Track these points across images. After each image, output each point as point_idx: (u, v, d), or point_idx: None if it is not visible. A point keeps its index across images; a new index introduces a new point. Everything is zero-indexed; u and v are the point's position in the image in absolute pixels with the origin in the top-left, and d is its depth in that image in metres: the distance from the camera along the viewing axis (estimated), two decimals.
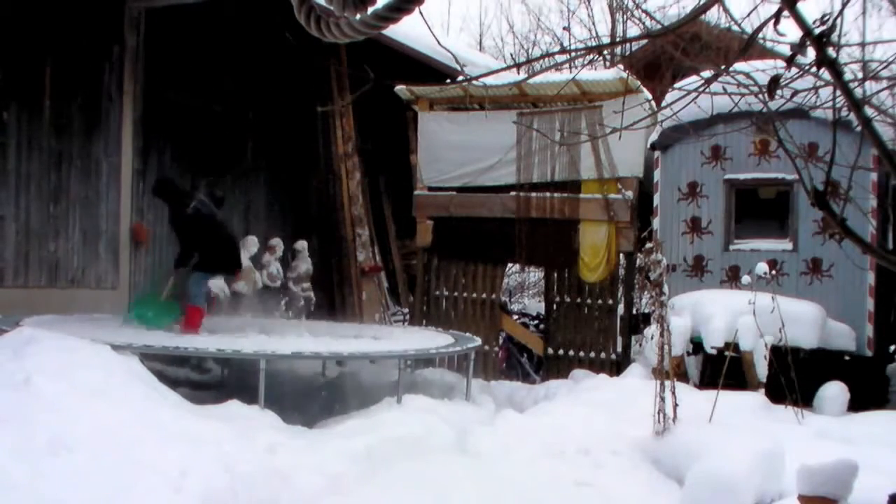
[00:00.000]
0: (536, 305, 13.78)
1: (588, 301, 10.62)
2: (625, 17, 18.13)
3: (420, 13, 1.93)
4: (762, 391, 7.86)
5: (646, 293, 7.74)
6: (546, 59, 12.80)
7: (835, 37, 2.06)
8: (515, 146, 10.66)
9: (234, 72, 11.30)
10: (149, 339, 7.13)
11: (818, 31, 1.79)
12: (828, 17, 1.87)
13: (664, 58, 10.76)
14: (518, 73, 9.60)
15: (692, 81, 5.87)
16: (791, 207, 9.45)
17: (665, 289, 6.21)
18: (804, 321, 8.25)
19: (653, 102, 10.08)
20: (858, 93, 3.83)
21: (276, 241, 11.55)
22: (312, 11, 1.92)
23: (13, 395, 5.00)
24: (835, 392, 8.16)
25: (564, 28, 20.07)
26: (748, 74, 4.02)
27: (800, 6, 1.84)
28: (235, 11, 10.46)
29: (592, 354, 10.57)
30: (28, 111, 8.93)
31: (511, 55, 22.10)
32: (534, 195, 10.70)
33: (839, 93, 2.20)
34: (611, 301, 10.57)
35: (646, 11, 6.04)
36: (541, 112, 10.90)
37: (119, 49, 9.83)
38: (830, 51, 1.82)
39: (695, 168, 9.83)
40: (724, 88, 4.17)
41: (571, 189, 10.62)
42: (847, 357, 9.02)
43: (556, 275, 10.83)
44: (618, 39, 16.69)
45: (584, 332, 10.65)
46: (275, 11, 6.65)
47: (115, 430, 4.92)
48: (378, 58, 7.73)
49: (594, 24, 20.76)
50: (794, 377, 7.05)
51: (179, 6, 9.92)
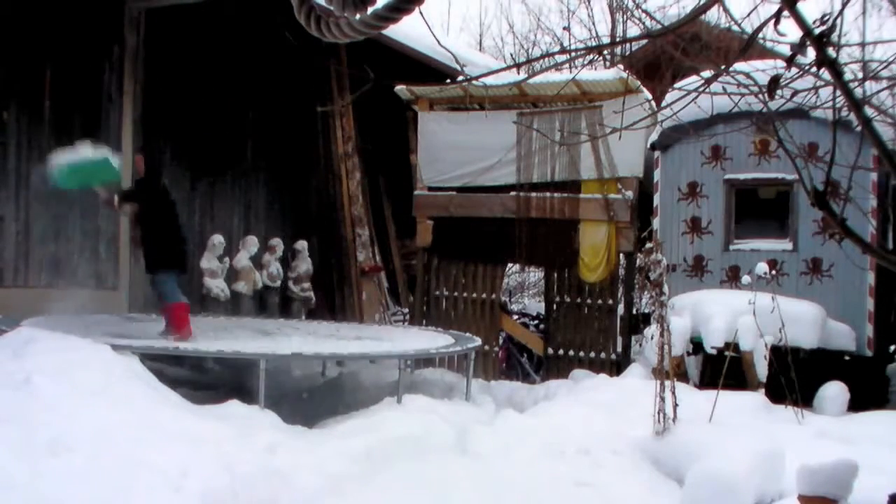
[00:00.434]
0: (536, 305, 13.77)
1: (588, 301, 10.62)
2: (625, 17, 18.14)
3: (420, 13, 1.93)
4: (762, 391, 7.85)
5: (646, 293, 7.74)
6: (546, 59, 12.79)
7: (835, 37, 2.06)
8: (515, 146, 10.66)
9: (234, 72, 11.30)
10: (149, 340, 7.13)
11: (818, 31, 1.79)
12: (828, 17, 1.87)
13: (664, 58, 10.75)
14: (518, 73, 9.60)
15: (692, 81, 5.86)
16: (791, 207, 9.45)
17: (665, 289, 6.21)
18: (804, 321, 8.26)
19: (653, 102, 10.08)
20: (858, 93, 3.83)
21: (276, 241, 11.55)
22: (312, 11, 1.92)
23: (13, 395, 5.01)
24: (835, 392, 8.16)
25: (564, 28, 20.08)
26: (748, 74, 4.02)
27: (800, 6, 1.84)
28: (235, 11, 10.46)
29: (592, 354, 10.56)
30: (28, 111, 8.93)
31: (511, 55, 22.11)
32: (534, 195, 10.70)
33: (839, 93, 2.20)
34: (611, 301, 10.57)
35: (646, 11, 6.04)
36: (541, 112, 10.90)
37: (119, 49, 9.83)
38: (830, 51, 1.82)
39: (695, 168, 9.82)
40: (724, 88, 4.16)
41: (571, 189, 10.61)
42: (847, 357, 9.02)
43: (556, 275, 10.82)
44: (618, 39, 16.69)
45: (584, 332, 10.65)
46: (275, 11, 6.65)
47: (115, 430, 4.93)
48: (378, 58, 7.73)
49: (594, 24, 20.77)
50: (794, 377, 7.05)
51: (179, 6, 9.92)
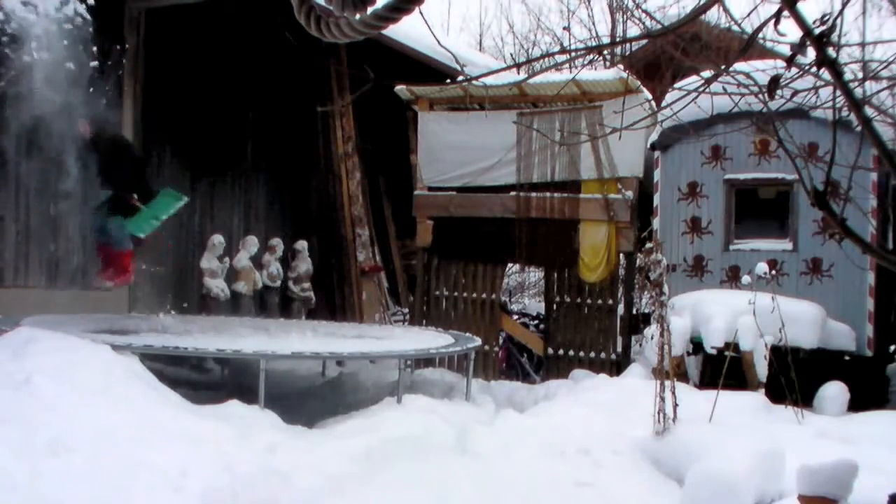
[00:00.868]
0: (536, 305, 13.77)
1: (588, 301, 10.62)
2: (625, 17, 18.14)
3: (420, 13, 1.93)
4: (762, 391, 7.85)
5: (646, 293, 7.74)
6: (546, 59, 12.79)
7: (835, 37, 2.06)
8: (515, 146, 10.66)
9: (234, 71, 11.29)
10: (149, 339, 7.13)
11: (818, 31, 1.79)
12: (828, 17, 1.87)
13: (664, 58, 10.74)
14: (518, 73, 9.59)
15: (692, 81, 5.86)
16: (791, 207, 9.45)
17: (665, 289, 6.20)
18: (804, 321, 8.26)
19: (653, 102, 10.08)
20: (858, 93, 3.83)
21: (276, 241, 11.55)
22: (312, 11, 1.92)
23: (13, 395, 5.01)
24: (835, 392, 8.16)
25: (564, 28, 20.09)
26: (748, 74, 4.02)
27: (800, 6, 1.84)
28: (235, 11, 10.46)
29: (592, 354, 10.56)
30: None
31: (511, 55, 22.10)
32: (534, 195, 10.70)
33: (839, 93, 2.20)
34: (611, 301, 10.57)
35: (646, 11, 6.03)
36: (541, 112, 10.90)
37: (119, 49, 9.83)
38: (830, 51, 1.82)
39: (695, 168, 9.82)
40: (724, 88, 4.16)
41: (571, 189, 10.61)
42: (847, 357, 9.02)
43: (556, 275, 10.82)
44: (618, 39, 16.69)
45: (584, 332, 10.65)
46: (275, 11, 6.65)
47: (115, 430, 4.93)
48: (378, 58, 7.74)
49: (594, 24, 20.77)
50: (794, 377, 7.05)
51: (179, 6, 9.92)
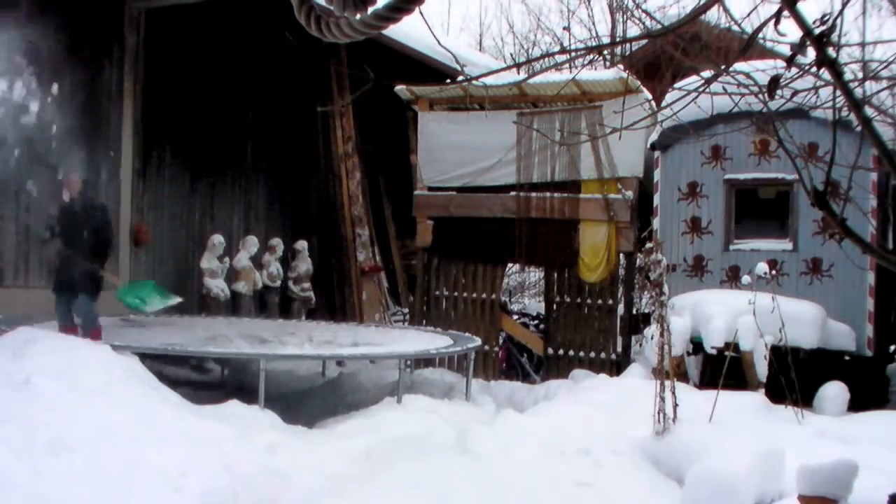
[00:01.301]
0: (536, 305, 13.76)
1: (588, 301, 10.61)
2: (625, 17, 18.14)
3: (420, 13, 1.93)
4: (762, 391, 7.85)
5: (646, 293, 7.75)
6: (546, 59, 12.79)
7: (835, 37, 2.06)
8: (515, 146, 10.65)
9: (234, 71, 11.30)
10: (149, 340, 7.13)
11: (818, 31, 1.79)
12: (828, 17, 1.87)
13: (664, 58, 10.75)
14: (518, 73, 9.59)
15: (692, 81, 5.86)
16: (791, 207, 9.45)
17: (665, 289, 6.21)
18: (804, 321, 8.25)
19: (653, 102, 10.07)
20: (858, 93, 3.82)
21: (276, 241, 11.55)
22: (312, 11, 1.92)
23: (13, 395, 5.01)
24: (835, 392, 8.16)
25: (564, 28, 20.08)
26: (748, 74, 4.02)
27: (800, 6, 1.84)
28: (235, 11, 10.46)
29: (592, 354, 10.56)
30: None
31: (511, 55, 22.10)
32: (534, 195, 10.69)
33: (839, 93, 2.20)
34: (611, 301, 10.56)
35: (646, 11, 6.04)
36: (541, 112, 10.90)
37: (119, 49, 9.83)
38: (830, 51, 1.82)
39: (695, 168, 9.82)
40: (724, 88, 4.16)
41: (571, 189, 10.61)
42: (847, 357, 9.02)
43: (556, 275, 10.82)
44: (618, 39, 16.69)
45: (584, 332, 10.65)
46: (275, 11, 6.65)
47: (115, 430, 4.93)
48: (378, 58, 7.73)
49: (594, 24, 20.77)
50: (794, 377, 7.05)
51: (179, 6, 9.92)
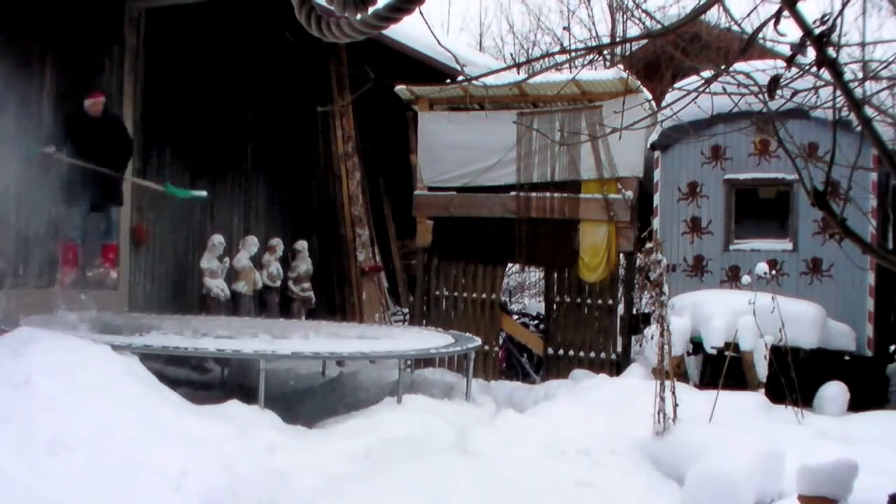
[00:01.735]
0: (536, 305, 13.76)
1: (588, 301, 10.61)
2: (625, 17, 18.14)
3: (420, 13, 1.93)
4: (762, 391, 7.85)
5: (646, 293, 7.74)
6: (546, 59, 12.79)
7: (835, 37, 2.06)
8: (515, 146, 10.65)
9: (234, 71, 11.29)
10: (149, 340, 7.12)
11: (818, 31, 1.79)
12: (828, 17, 1.87)
13: (664, 58, 10.73)
14: (518, 73, 9.59)
15: (692, 81, 5.86)
16: (791, 207, 9.45)
17: (665, 289, 6.21)
18: (804, 321, 8.25)
19: (653, 102, 10.07)
20: (858, 93, 3.83)
21: (276, 241, 11.54)
22: (313, 11, 1.92)
23: (13, 395, 5.00)
24: (835, 392, 8.16)
25: (564, 28, 20.08)
26: (748, 74, 4.02)
27: (800, 6, 1.84)
28: (235, 11, 10.46)
29: (592, 354, 10.56)
30: (28, 111, 8.92)
31: (511, 55, 22.10)
32: (534, 195, 10.69)
33: (839, 93, 2.20)
34: (611, 301, 10.56)
35: (646, 11, 6.04)
36: (541, 112, 10.89)
37: (119, 49, 9.83)
38: (830, 51, 1.82)
39: (695, 168, 9.82)
40: (724, 88, 4.16)
41: (571, 189, 10.61)
42: (847, 357, 9.02)
43: (556, 275, 10.82)
44: (618, 39, 16.69)
45: (584, 332, 10.64)
46: (275, 11, 6.65)
47: (115, 430, 4.92)
48: (378, 58, 7.74)
49: (594, 24, 20.77)
50: (794, 377, 7.05)
51: (179, 6, 9.91)
